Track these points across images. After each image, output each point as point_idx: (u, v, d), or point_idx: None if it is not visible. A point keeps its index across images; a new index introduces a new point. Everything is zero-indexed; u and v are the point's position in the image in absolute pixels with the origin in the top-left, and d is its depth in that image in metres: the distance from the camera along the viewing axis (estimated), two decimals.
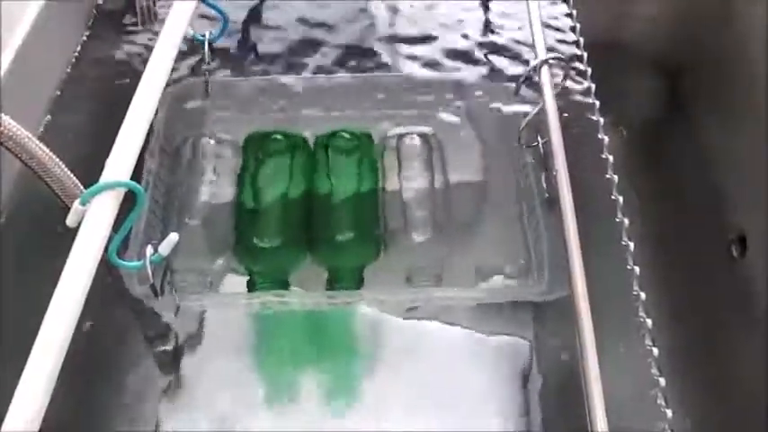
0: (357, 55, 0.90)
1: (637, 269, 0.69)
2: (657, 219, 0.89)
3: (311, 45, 0.91)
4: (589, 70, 0.86)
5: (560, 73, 0.73)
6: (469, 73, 0.87)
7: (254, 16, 0.95)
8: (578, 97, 0.85)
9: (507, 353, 0.67)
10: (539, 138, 0.73)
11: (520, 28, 0.91)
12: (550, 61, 0.70)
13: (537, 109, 0.70)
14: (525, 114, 0.74)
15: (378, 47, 0.91)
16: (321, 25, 0.94)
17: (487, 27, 0.93)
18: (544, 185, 0.72)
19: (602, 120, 0.81)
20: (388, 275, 0.69)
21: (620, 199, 0.74)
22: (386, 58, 0.90)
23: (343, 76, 0.85)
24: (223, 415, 0.64)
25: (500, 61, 0.89)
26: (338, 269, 0.69)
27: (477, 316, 0.69)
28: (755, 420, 0.70)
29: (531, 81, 0.71)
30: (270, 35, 0.92)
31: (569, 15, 0.92)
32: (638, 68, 1.03)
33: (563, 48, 0.89)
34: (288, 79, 0.84)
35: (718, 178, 0.84)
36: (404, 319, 0.69)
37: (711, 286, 0.82)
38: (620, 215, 0.73)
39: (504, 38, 0.92)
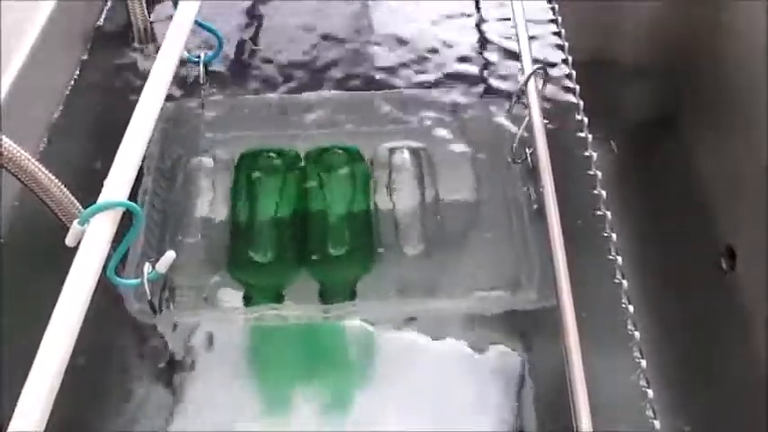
0: (351, 72, 0.91)
1: (625, 282, 0.70)
2: (648, 232, 0.90)
3: (306, 65, 0.93)
4: (578, 87, 0.87)
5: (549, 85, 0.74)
6: (461, 88, 0.89)
7: (251, 38, 0.96)
8: (568, 114, 0.86)
9: (500, 366, 0.67)
10: (526, 151, 0.74)
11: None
12: (538, 73, 0.71)
13: (525, 123, 0.71)
14: (515, 125, 0.75)
15: (373, 65, 0.92)
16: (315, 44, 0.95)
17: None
18: (533, 198, 0.73)
19: (590, 136, 0.82)
20: (380, 289, 0.70)
21: (608, 214, 0.75)
22: (379, 75, 0.91)
23: (335, 93, 0.86)
24: (220, 426, 0.64)
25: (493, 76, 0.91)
26: (331, 283, 0.70)
27: (471, 329, 0.69)
28: (745, 430, 0.70)
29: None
30: (264, 55, 0.94)
31: (557, 34, 0.93)
32: (629, 84, 1.04)
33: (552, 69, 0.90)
34: (281, 98, 0.85)
35: (707, 192, 0.85)
36: (397, 329, 0.69)
37: (701, 298, 0.83)
38: (608, 230, 0.74)
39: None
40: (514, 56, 0.89)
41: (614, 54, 1.05)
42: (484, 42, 0.94)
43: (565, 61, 0.90)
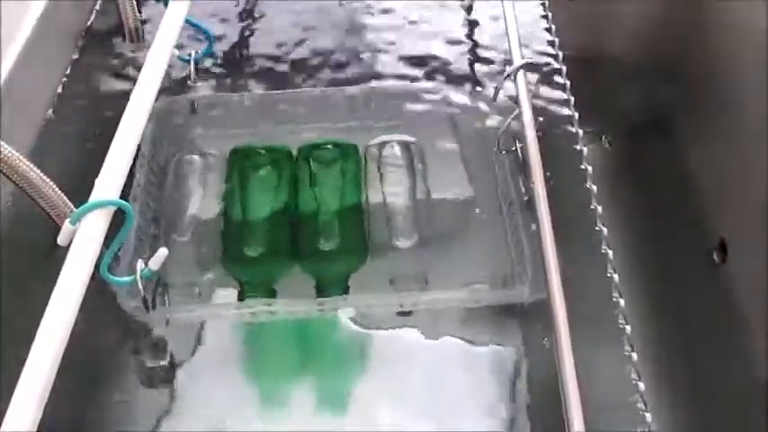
0: (342, 68, 0.92)
1: (616, 277, 0.70)
2: (640, 226, 0.90)
3: (297, 61, 0.93)
4: (568, 83, 0.87)
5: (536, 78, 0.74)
6: (451, 82, 0.89)
7: (242, 36, 0.96)
8: (559, 109, 0.86)
9: (494, 361, 0.68)
10: (516, 142, 0.74)
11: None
12: (527, 66, 0.72)
13: (514, 114, 0.72)
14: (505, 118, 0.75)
15: (363, 61, 0.93)
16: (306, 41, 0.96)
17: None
18: (523, 190, 0.73)
19: (581, 131, 0.83)
20: (373, 282, 0.70)
21: (599, 208, 0.75)
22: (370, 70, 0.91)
23: (326, 88, 0.87)
24: (216, 423, 0.64)
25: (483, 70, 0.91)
26: (325, 277, 0.71)
27: (465, 324, 0.70)
28: (736, 425, 0.71)
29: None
30: (255, 52, 0.94)
31: (548, 30, 0.93)
32: (622, 81, 1.04)
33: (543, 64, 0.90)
34: (272, 94, 0.86)
35: (700, 186, 0.85)
36: (392, 327, 0.70)
37: (693, 292, 0.83)
38: (599, 224, 0.74)
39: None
40: (504, 51, 0.89)
41: (607, 51, 1.05)
42: (475, 37, 0.95)
43: (555, 57, 0.90)
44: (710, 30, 0.85)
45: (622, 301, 0.69)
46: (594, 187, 0.77)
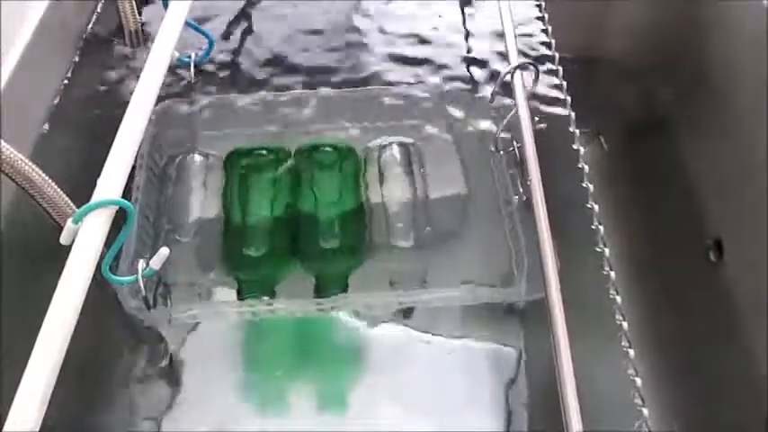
0: (341, 70, 0.92)
1: (612, 274, 0.71)
2: (637, 225, 0.91)
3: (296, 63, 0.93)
4: (565, 83, 0.88)
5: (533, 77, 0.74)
6: (449, 83, 0.90)
7: (242, 37, 0.97)
8: (556, 109, 0.86)
9: (493, 360, 0.68)
10: (514, 143, 0.74)
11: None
12: (523, 66, 0.72)
13: (511, 114, 0.72)
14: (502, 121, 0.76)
15: (361, 63, 0.93)
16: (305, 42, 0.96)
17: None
18: (521, 190, 0.74)
19: (577, 131, 0.83)
20: (372, 281, 0.71)
21: (596, 207, 0.76)
22: (368, 72, 0.92)
23: (325, 90, 0.87)
24: (216, 423, 0.65)
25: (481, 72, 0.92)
26: (325, 276, 0.71)
27: (464, 323, 0.70)
28: (733, 421, 0.71)
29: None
30: (254, 54, 0.95)
31: (544, 31, 0.94)
32: (617, 80, 1.05)
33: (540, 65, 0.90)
34: (271, 95, 0.86)
35: (695, 185, 0.86)
36: (391, 326, 0.70)
37: (689, 290, 0.84)
38: (596, 222, 0.75)
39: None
40: (501, 51, 0.90)
41: (605, 50, 1.06)
42: (471, 38, 0.95)
43: (551, 57, 0.91)
44: (710, 30, 0.86)
45: (619, 299, 0.70)
46: (591, 186, 0.78)
